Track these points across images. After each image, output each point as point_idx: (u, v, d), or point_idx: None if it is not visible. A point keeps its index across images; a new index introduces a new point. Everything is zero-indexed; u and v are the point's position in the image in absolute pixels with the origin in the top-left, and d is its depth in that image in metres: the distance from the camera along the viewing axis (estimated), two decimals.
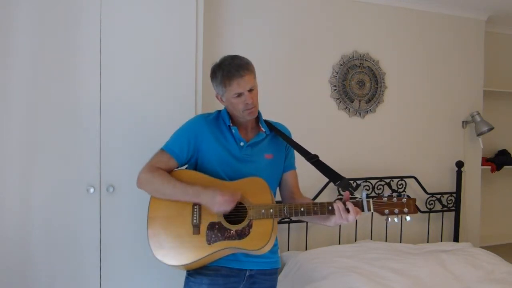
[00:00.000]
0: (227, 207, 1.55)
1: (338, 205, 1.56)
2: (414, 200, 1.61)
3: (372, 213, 1.60)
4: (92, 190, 2.12)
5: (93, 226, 2.15)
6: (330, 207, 1.58)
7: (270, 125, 1.79)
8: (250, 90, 1.65)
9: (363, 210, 1.57)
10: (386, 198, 1.59)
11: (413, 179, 3.24)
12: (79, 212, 2.12)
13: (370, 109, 3.19)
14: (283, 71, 2.93)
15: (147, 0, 2.24)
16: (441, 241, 3.33)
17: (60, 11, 2.08)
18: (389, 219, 1.58)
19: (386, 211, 1.58)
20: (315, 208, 1.59)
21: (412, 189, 3.25)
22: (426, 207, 3.28)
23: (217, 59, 1.74)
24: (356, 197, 1.61)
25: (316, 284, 2.32)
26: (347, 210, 1.55)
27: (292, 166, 1.84)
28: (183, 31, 2.31)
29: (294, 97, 2.97)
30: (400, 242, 3.13)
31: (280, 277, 2.61)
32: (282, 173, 1.80)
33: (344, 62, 3.10)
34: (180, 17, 2.30)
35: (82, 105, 2.13)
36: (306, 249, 2.88)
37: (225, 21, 2.79)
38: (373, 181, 3.12)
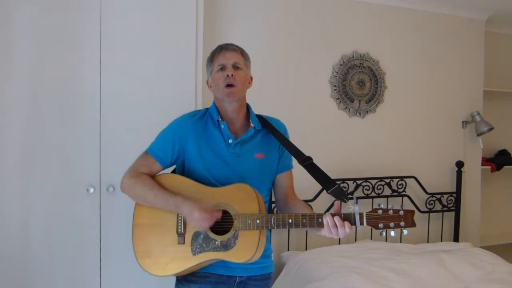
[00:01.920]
0: (204, 224, 1.47)
1: (328, 219, 1.46)
2: (413, 213, 1.50)
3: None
4: (92, 190, 2.12)
5: (93, 226, 2.15)
6: (319, 220, 1.48)
7: (263, 121, 1.68)
8: (236, 68, 1.59)
9: (355, 224, 1.47)
10: (381, 211, 1.48)
11: (413, 179, 3.24)
12: (79, 212, 2.13)
13: (370, 109, 3.19)
14: (283, 71, 2.93)
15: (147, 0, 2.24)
16: (441, 241, 3.33)
17: (60, 9, 2.08)
18: (384, 233, 1.48)
19: (381, 225, 1.47)
20: (304, 220, 1.49)
21: (412, 189, 3.25)
22: (426, 207, 3.28)
23: None
24: (350, 207, 1.52)
25: (316, 284, 2.32)
26: (337, 225, 1.46)
27: (287, 167, 1.72)
28: (183, 31, 2.31)
29: (294, 97, 2.97)
30: (400, 242, 3.12)
31: (280, 277, 2.61)
32: (276, 173, 1.70)
33: (344, 62, 3.10)
34: (180, 16, 2.30)
35: (82, 105, 2.13)
36: (306, 249, 2.88)
37: (225, 20, 2.79)
38: (373, 181, 3.12)
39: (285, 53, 2.94)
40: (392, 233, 1.48)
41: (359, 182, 3.07)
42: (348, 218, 1.47)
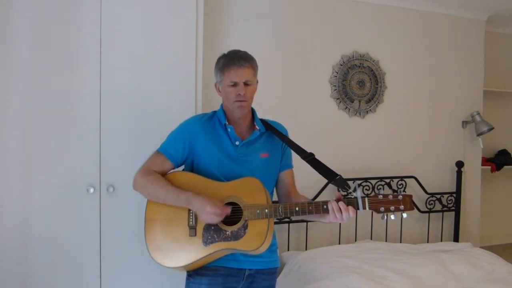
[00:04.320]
0: (214, 219, 1.56)
1: (333, 205, 1.57)
2: (410, 196, 1.61)
3: (371, 212, 1.60)
4: (92, 190, 2.12)
5: (93, 226, 2.15)
6: (324, 206, 1.59)
7: (266, 124, 1.80)
8: (246, 84, 1.67)
9: (358, 209, 1.59)
10: (381, 196, 1.60)
11: (413, 179, 3.24)
12: (79, 212, 2.12)
13: (370, 109, 3.19)
14: (283, 71, 2.93)
15: (148, 0, 2.24)
16: (441, 241, 3.33)
17: (60, 9, 2.08)
18: (385, 216, 1.59)
19: (382, 208, 1.59)
20: (310, 207, 1.60)
21: (412, 189, 3.25)
22: (426, 207, 3.28)
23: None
24: (352, 195, 1.62)
25: (316, 284, 2.32)
26: (341, 210, 1.57)
27: (288, 165, 1.84)
28: (183, 31, 2.31)
29: (294, 97, 2.97)
30: (400, 242, 3.13)
31: (280, 277, 2.61)
32: (279, 172, 1.81)
33: (344, 62, 3.10)
34: (180, 16, 2.30)
35: (82, 105, 2.13)
36: (306, 249, 2.88)
37: (225, 21, 2.79)
38: (373, 181, 3.12)
39: (285, 53, 2.94)
40: (393, 216, 1.59)
41: (359, 182, 3.07)
42: (351, 203, 1.59)
